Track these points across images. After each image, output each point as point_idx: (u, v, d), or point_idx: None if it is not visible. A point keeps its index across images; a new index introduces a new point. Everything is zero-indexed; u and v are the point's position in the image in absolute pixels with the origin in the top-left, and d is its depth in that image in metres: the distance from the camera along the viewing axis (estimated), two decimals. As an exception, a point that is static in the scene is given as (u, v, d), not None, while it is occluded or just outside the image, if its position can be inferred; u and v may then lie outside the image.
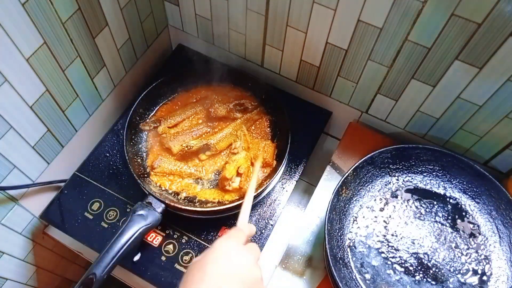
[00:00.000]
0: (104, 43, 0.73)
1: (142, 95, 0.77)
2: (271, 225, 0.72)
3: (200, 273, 0.45)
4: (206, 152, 0.75)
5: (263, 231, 0.71)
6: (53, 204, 0.73)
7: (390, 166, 0.71)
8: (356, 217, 0.68)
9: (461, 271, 0.64)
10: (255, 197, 0.68)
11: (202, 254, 0.48)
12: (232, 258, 0.47)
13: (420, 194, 0.71)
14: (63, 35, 0.64)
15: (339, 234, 0.66)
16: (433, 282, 0.63)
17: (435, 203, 0.70)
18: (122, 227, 0.61)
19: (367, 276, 0.64)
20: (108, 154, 0.78)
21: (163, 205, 0.66)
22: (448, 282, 0.63)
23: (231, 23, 0.79)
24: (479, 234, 0.67)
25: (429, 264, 0.65)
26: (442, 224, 0.68)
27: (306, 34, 0.71)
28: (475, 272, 0.64)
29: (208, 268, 0.45)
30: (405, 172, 0.72)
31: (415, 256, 0.66)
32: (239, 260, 0.48)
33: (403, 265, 0.65)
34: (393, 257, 0.65)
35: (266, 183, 0.69)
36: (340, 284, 0.59)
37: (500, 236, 0.66)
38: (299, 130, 0.78)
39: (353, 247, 0.66)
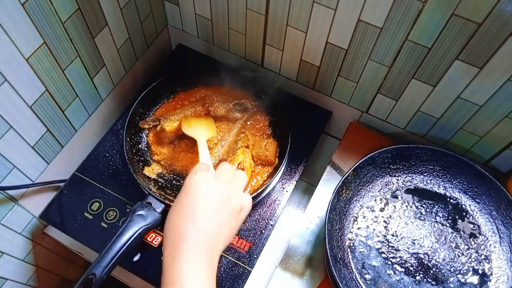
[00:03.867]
0: (104, 43, 0.73)
1: (142, 95, 0.77)
2: (271, 225, 0.72)
3: (190, 215, 0.47)
4: None
5: (263, 231, 0.71)
6: (52, 204, 0.73)
7: (391, 166, 0.71)
8: (356, 217, 0.68)
9: (462, 271, 0.64)
10: (255, 197, 0.69)
11: (178, 198, 0.50)
12: (206, 191, 0.50)
13: (420, 194, 0.70)
14: (63, 35, 0.64)
15: (339, 234, 0.66)
16: (434, 282, 0.63)
17: (435, 203, 0.70)
18: (122, 227, 0.61)
19: (368, 276, 0.64)
20: (107, 154, 0.78)
21: (163, 205, 0.66)
22: (448, 282, 0.63)
23: (231, 23, 0.79)
24: (479, 234, 0.67)
25: (429, 264, 0.65)
26: (443, 224, 0.68)
27: (306, 34, 0.71)
28: (475, 272, 0.64)
29: (195, 208, 0.48)
30: (406, 172, 0.72)
31: (416, 256, 0.65)
32: (213, 191, 0.50)
33: (404, 265, 0.65)
34: (393, 258, 0.65)
35: (266, 183, 0.69)
36: (340, 284, 0.59)
37: (500, 236, 0.66)
38: (299, 130, 0.77)
39: (353, 248, 0.66)
